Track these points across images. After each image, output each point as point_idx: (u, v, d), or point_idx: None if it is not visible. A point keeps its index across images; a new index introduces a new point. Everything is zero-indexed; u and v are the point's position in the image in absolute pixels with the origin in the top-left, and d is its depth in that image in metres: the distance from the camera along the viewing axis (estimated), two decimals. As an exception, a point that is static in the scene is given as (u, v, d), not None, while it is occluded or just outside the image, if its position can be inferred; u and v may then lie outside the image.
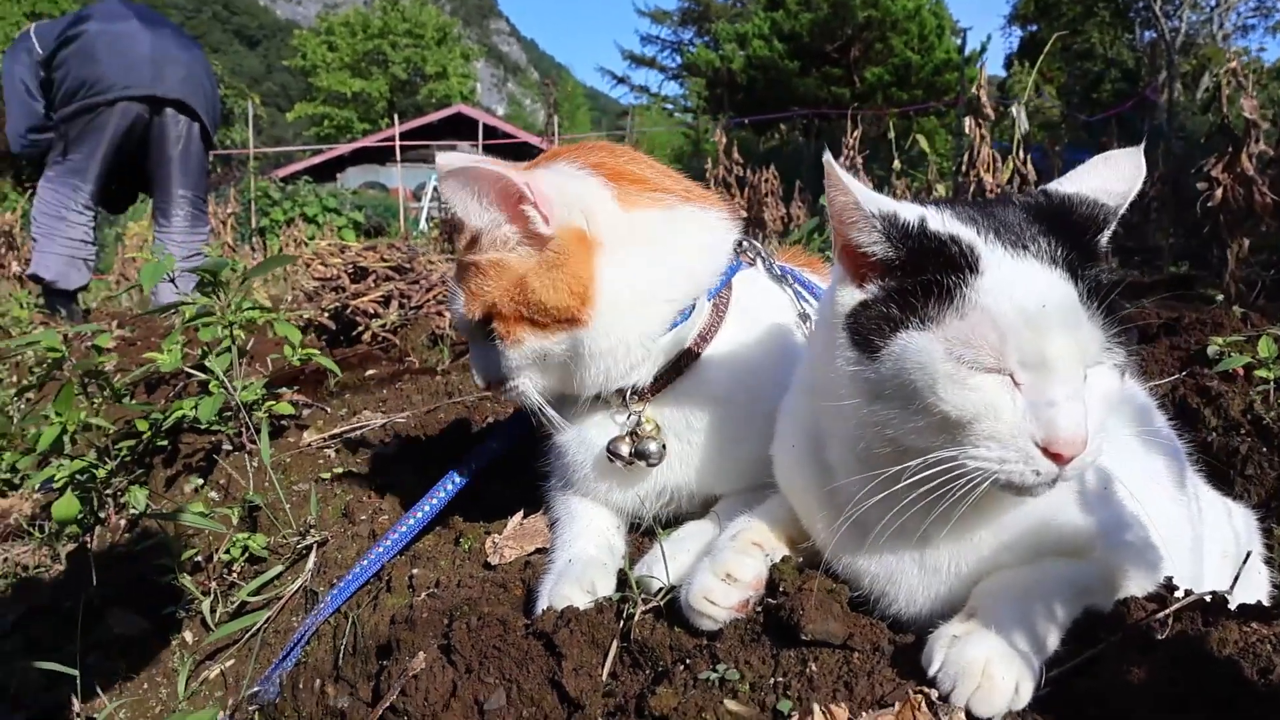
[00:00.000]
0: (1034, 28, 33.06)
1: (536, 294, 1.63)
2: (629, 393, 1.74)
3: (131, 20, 6.34)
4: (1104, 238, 1.24)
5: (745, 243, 1.89)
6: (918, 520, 1.22)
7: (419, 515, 2.01)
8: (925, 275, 1.15)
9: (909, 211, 1.19)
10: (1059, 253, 1.16)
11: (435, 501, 2.03)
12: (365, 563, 1.96)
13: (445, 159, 1.60)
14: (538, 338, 1.67)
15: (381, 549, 1.98)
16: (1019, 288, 1.12)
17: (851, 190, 1.17)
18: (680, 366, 1.75)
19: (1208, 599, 1.29)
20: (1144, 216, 8.62)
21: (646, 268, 1.68)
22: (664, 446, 1.75)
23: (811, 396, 1.41)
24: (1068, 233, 1.19)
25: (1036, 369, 1.11)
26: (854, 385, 1.22)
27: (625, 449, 1.74)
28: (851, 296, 1.23)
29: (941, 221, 1.19)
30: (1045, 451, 1.10)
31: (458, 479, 2.07)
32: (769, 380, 1.68)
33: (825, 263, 2.33)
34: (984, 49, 28.44)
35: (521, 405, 1.82)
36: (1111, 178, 1.28)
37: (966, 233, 1.17)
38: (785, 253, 2.29)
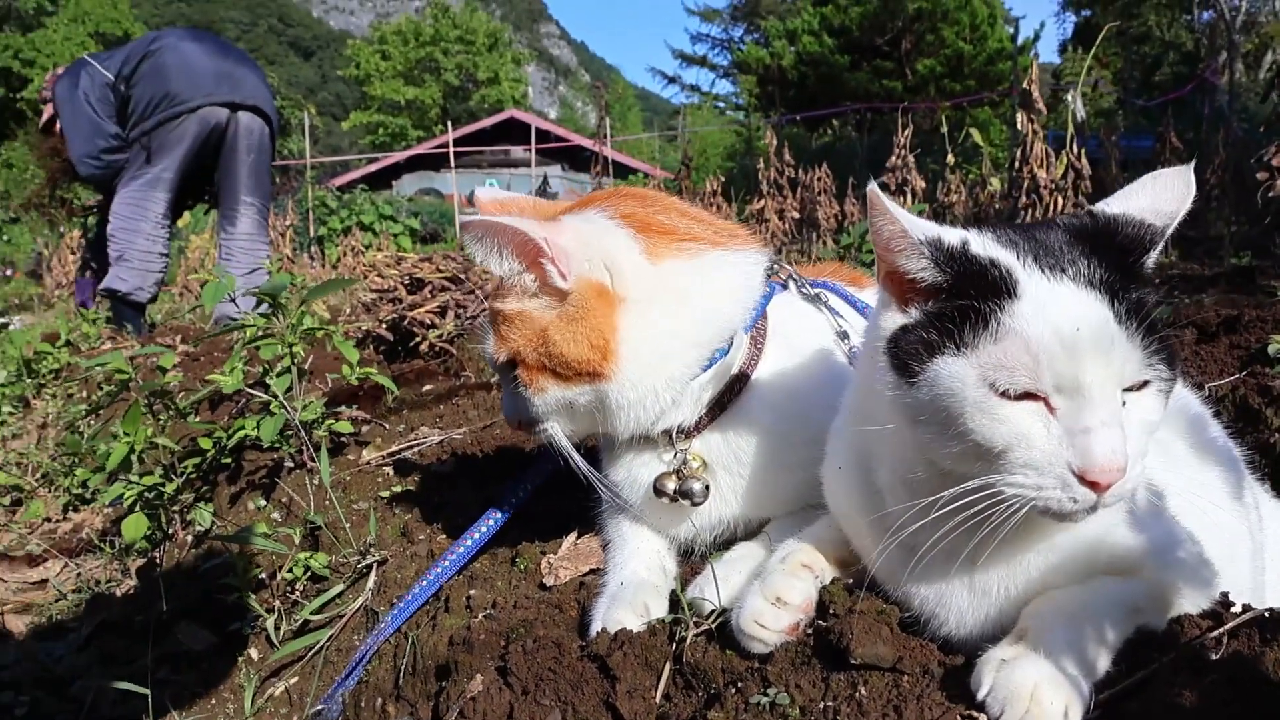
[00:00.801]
0: (1088, 13, 32.44)
1: (557, 346, 1.66)
2: (674, 431, 1.76)
3: (203, 41, 6.81)
4: (1150, 258, 1.22)
5: (776, 265, 1.90)
6: (965, 543, 1.22)
7: (470, 542, 2.05)
8: (964, 300, 1.16)
9: (952, 236, 1.20)
10: (1098, 275, 1.15)
11: (486, 529, 2.07)
12: (421, 586, 1.99)
13: (464, 217, 1.65)
14: (560, 388, 1.69)
15: (440, 569, 2.01)
16: (1054, 310, 1.11)
17: (899, 219, 1.18)
18: (724, 402, 1.75)
19: (1265, 615, 1.28)
20: (1205, 203, 8.44)
21: (672, 319, 1.69)
22: (707, 487, 1.75)
23: (859, 419, 1.42)
24: (1110, 254, 1.19)
25: (1071, 394, 1.10)
26: (894, 409, 1.24)
27: (671, 486, 1.75)
28: (893, 321, 1.24)
29: (983, 245, 1.19)
30: (1082, 479, 1.09)
31: (505, 508, 2.12)
32: (814, 404, 1.68)
33: (869, 276, 2.33)
34: (1037, 37, 28.04)
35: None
36: (1161, 197, 1.26)
37: (1006, 256, 1.17)
38: (828, 266, 2.29)
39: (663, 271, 1.70)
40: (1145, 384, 1.15)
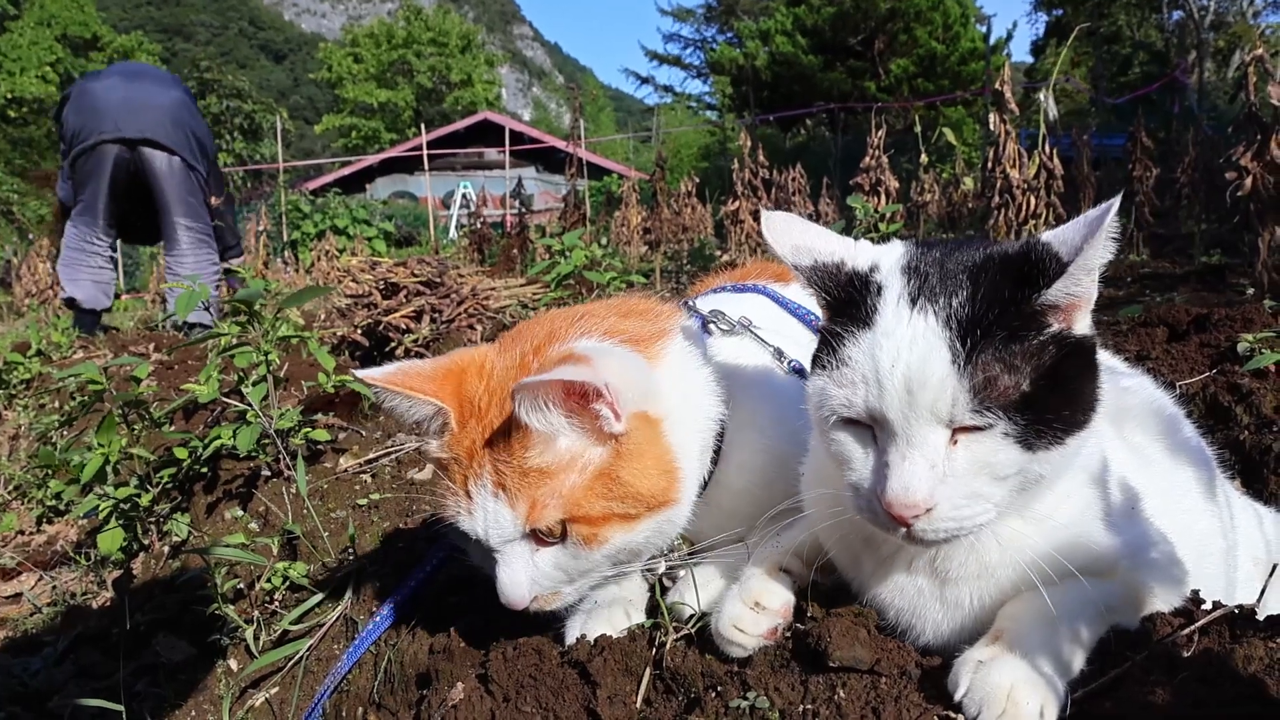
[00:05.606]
0: (1059, 12, 32.63)
1: (631, 485, 1.51)
2: None
3: (112, 77, 7.18)
4: (1048, 294, 1.14)
5: (692, 306, 1.88)
6: (922, 552, 1.29)
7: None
8: (835, 323, 1.23)
9: (863, 257, 1.26)
10: (969, 310, 1.14)
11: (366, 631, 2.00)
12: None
13: (525, 379, 1.43)
14: (626, 532, 1.54)
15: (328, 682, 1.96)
16: (884, 346, 1.15)
17: (773, 246, 1.27)
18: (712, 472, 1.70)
19: (1235, 612, 1.30)
20: (1175, 202, 8.51)
21: (692, 418, 1.63)
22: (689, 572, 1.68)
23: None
24: (1004, 286, 1.16)
25: (883, 426, 1.15)
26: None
27: (662, 568, 1.69)
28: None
29: (889, 267, 1.22)
30: (887, 510, 1.14)
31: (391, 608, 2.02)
32: (781, 440, 1.66)
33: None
34: (1010, 37, 28.25)
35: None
36: (1076, 229, 1.17)
37: (894, 283, 1.20)
38: (754, 268, 2.29)
39: (663, 378, 1.63)
40: (990, 427, 1.13)
